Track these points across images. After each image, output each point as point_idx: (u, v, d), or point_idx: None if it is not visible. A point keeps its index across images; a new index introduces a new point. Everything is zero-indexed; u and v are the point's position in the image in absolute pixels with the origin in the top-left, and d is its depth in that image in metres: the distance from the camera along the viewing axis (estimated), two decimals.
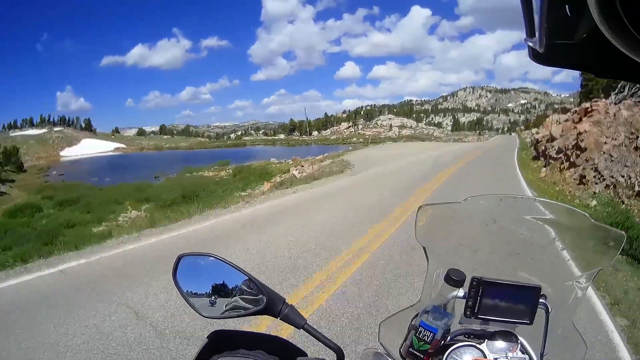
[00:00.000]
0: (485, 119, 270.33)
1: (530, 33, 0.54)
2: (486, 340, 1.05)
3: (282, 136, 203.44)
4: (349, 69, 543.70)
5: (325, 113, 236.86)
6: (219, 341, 1.09)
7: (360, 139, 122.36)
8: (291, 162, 37.87)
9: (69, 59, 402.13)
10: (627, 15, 0.37)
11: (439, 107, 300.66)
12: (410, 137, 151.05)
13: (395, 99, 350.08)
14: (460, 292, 1.06)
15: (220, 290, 1.11)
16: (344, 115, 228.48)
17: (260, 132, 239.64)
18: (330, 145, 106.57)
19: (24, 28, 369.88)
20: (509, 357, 1.02)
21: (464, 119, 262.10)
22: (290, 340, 1.15)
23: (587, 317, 4.95)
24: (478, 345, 1.04)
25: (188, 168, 50.76)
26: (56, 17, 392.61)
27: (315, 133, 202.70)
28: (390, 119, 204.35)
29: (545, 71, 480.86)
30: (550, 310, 1.06)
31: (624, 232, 1.11)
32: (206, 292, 1.11)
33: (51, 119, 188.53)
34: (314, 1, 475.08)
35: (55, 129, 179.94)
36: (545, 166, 25.48)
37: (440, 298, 1.08)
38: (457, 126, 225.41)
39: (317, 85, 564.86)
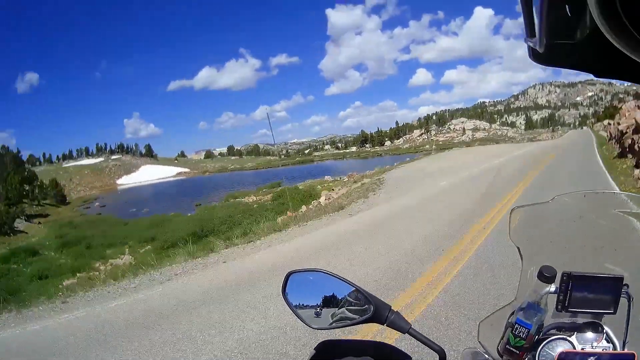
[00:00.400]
0: (557, 114, 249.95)
1: (530, 33, 0.52)
2: (575, 332, 1.04)
3: (353, 149, 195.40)
4: (421, 76, 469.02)
5: (397, 122, 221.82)
6: (327, 351, 1.12)
7: (434, 145, 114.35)
8: (346, 179, 32.42)
9: (134, 86, 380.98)
10: (627, 15, 0.36)
11: (512, 106, 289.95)
12: (484, 140, 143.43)
13: (468, 102, 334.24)
14: (552, 288, 1.05)
15: (328, 303, 1.11)
16: (417, 122, 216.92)
17: (332, 146, 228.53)
18: (401, 155, 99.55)
19: (88, 57, 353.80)
20: (595, 347, 1.01)
21: (536, 116, 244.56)
22: (395, 346, 1.16)
23: None
24: (568, 338, 1.03)
25: (231, 194, 46.43)
26: (118, 44, 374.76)
27: (387, 143, 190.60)
28: (462, 122, 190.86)
29: None
30: (632, 299, 1.04)
31: None
32: (314, 305, 1.11)
33: (108, 147, 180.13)
34: (379, 11, 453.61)
35: (113, 157, 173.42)
36: (637, 166, 16.00)
37: (534, 294, 1.06)
38: (530, 124, 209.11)
39: (392, 95, 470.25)
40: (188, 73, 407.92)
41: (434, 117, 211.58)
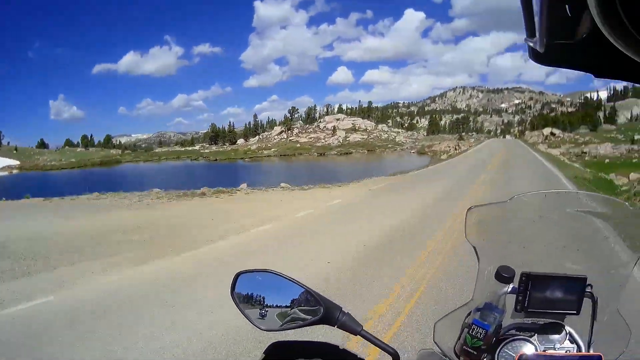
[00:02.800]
0: (475, 119, 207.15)
1: (531, 33, 0.51)
2: (536, 333, 1.03)
3: (197, 147, 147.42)
4: (342, 74, 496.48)
5: (255, 114, 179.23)
6: (278, 352, 1.12)
7: (270, 151, 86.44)
8: None
9: (62, 67, 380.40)
10: (627, 15, 0.35)
11: (426, 108, 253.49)
12: (357, 145, 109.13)
13: (386, 104, 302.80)
14: (510, 288, 1.04)
15: (278, 304, 1.09)
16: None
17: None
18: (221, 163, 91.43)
19: (14, 35, 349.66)
20: (558, 348, 1.00)
21: (444, 119, 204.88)
22: (346, 348, 1.12)
23: None
24: (529, 339, 1.01)
25: None
26: (48, 24, 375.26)
27: (241, 141, 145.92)
28: (338, 119, 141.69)
29: (539, 72, 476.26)
30: (596, 299, 1.03)
31: None
32: (264, 306, 1.09)
33: None
34: (307, 6, 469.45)
35: None
36: None
37: (492, 295, 1.05)
38: (435, 128, 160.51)
39: (310, 91, 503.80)
40: (114, 57, 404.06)
41: (304, 113, 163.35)
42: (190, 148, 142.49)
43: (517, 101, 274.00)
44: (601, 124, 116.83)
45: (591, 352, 1.00)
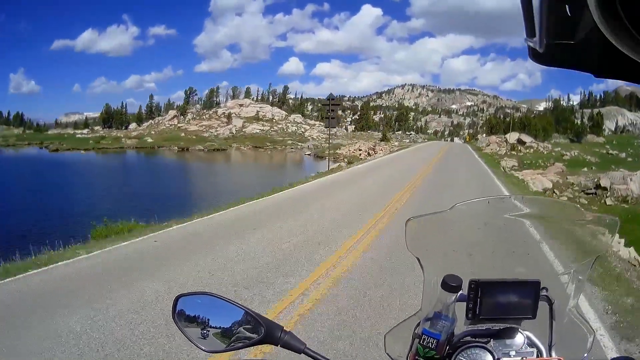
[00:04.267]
0: (417, 117, 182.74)
1: (530, 33, 0.50)
2: (492, 338, 1.02)
3: (85, 131, 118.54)
4: (293, 65, 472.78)
5: (151, 95, 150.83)
6: None
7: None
8: None
9: (23, 41, 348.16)
10: (627, 15, 0.35)
11: (371, 104, 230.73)
12: (252, 138, 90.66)
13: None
14: (459, 296, 1.02)
15: (219, 325, 1.09)
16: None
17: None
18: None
19: None
20: (514, 353, 0.99)
21: (376, 116, 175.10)
22: None
23: None
24: (484, 345, 1.00)
25: None
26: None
27: (133, 125, 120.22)
28: (241, 105, 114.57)
29: (493, 77, 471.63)
30: (553, 302, 1.04)
31: (617, 218, 1.12)
32: (206, 327, 1.08)
33: None
34: None
35: None
36: None
37: (440, 304, 1.02)
38: (364, 123, 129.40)
39: (259, 80, 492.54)
40: (72, 33, 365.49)
41: (203, 96, 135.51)
42: (79, 132, 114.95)
43: (469, 103, 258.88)
44: (586, 133, 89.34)
45: (553, 355, 1.00)
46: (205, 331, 1.06)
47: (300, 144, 79.25)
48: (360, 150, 52.06)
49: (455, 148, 54.16)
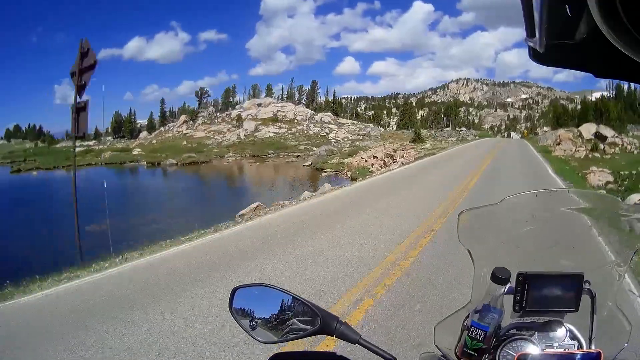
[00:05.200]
0: (467, 110, 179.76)
1: (531, 33, 0.50)
2: (536, 331, 1.03)
3: (91, 142, 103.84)
4: (348, 65, 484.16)
5: (162, 99, 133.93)
6: None
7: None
8: None
9: (64, 52, 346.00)
10: (627, 15, 0.35)
11: (426, 100, 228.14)
12: (263, 144, 74.51)
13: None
14: (507, 289, 1.04)
15: (275, 316, 1.10)
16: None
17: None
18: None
19: (19, 23, 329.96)
20: (558, 346, 1.00)
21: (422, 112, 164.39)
22: (347, 356, 1.14)
23: None
24: (529, 337, 1.01)
25: None
26: (54, 10, 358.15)
27: (144, 134, 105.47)
28: (259, 105, 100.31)
29: (546, 70, 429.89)
30: (594, 295, 1.04)
31: None
32: (262, 319, 1.10)
33: None
34: None
35: None
36: None
37: (489, 297, 1.05)
38: (408, 120, 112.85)
39: (317, 81, 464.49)
40: (118, 42, 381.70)
41: (219, 97, 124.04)
42: (86, 143, 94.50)
43: (524, 96, 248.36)
44: None
45: (592, 348, 0.99)
46: (260, 322, 1.08)
47: (315, 148, 64.08)
48: (375, 157, 37.02)
49: (510, 148, 39.17)
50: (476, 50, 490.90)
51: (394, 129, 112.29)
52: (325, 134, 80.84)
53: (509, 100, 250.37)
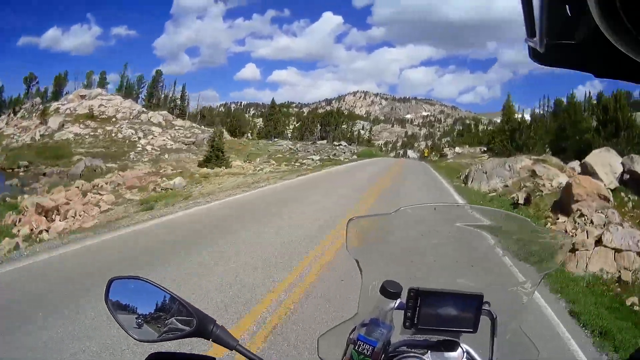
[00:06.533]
0: (347, 122, 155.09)
1: (531, 33, 0.50)
2: (429, 350, 0.99)
3: None
4: (250, 71, 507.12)
5: None
6: None
7: None
8: None
9: None
10: (627, 15, 0.35)
11: (319, 111, 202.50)
12: (49, 149, 51.66)
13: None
14: (397, 304, 0.99)
15: (152, 313, 1.03)
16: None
17: None
18: None
19: None
20: None
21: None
22: None
23: None
24: (420, 355, 0.98)
25: None
26: None
27: None
28: (83, 97, 73.21)
29: (451, 89, 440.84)
30: (495, 317, 0.99)
31: (571, 237, 1.25)
32: (139, 315, 1.02)
33: None
34: None
35: None
36: None
37: (378, 310, 0.99)
38: (274, 128, 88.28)
39: (216, 85, 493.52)
40: (37, 30, 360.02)
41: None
42: None
43: (425, 113, 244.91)
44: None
45: None
46: (137, 318, 0.99)
47: (82, 157, 45.67)
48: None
49: (406, 187, 18.63)
50: (381, 65, 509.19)
51: (252, 137, 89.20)
52: (137, 138, 60.11)
53: (408, 116, 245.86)
